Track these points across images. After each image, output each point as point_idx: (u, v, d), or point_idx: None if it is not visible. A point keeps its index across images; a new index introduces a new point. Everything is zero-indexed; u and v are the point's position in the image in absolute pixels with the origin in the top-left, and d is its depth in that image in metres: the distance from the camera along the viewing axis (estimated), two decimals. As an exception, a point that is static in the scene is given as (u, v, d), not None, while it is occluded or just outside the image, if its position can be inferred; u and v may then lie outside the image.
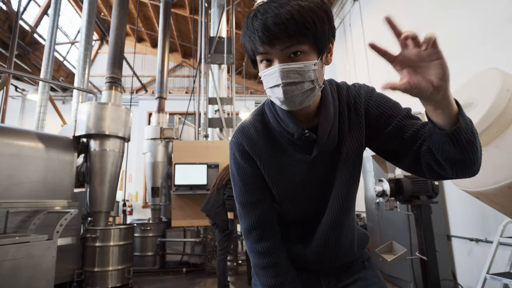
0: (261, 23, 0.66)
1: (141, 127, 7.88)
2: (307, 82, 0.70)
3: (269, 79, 0.71)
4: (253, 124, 0.86)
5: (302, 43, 0.67)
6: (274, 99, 0.73)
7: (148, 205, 6.31)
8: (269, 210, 0.87)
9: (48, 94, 6.71)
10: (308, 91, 0.71)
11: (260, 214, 0.85)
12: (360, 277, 0.90)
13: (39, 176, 3.49)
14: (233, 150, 0.87)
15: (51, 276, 2.68)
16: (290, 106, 0.72)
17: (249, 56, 0.76)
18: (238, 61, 9.48)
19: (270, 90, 0.72)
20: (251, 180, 0.85)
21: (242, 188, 0.86)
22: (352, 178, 0.84)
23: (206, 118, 5.34)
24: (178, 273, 4.64)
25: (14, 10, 6.53)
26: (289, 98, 0.70)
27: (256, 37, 0.68)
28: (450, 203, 3.24)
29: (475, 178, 1.75)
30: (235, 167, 0.87)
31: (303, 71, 0.68)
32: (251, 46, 0.71)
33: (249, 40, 0.71)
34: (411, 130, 0.76)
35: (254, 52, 0.72)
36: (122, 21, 4.59)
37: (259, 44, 0.68)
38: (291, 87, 0.69)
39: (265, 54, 0.70)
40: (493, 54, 2.64)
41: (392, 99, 0.85)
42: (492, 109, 1.60)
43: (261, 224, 0.85)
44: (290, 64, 0.68)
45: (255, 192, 0.85)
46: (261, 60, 0.72)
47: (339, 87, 0.87)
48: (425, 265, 2.17)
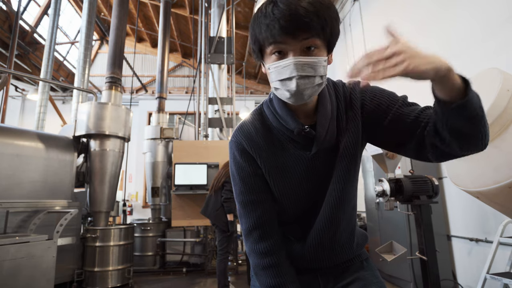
0: (285, 13, 0.66)
1: (141, 127, 7.89)
2: (318, 77, 0.70)
3: (281, 71, 0.70)
4: (252, 123, 0.87)
5: (319, 37, 0.68)
6: (283, 92, 0.72)
7: (148, 205, 6.31)
8: (270, 210, 0.86)
9: (48, 94, 6.70)
10: (317, 86, 0.72)
11: (261, 214, 0.85)
12: (359, 277, 0.90)
13: (39, 176, 3.49)
14: (233, 149, 0.87)
15: (51, 276, 2.68)
16: (298, 99, 0.72)
17: (257, 46, 0.74)
18: (238, 61, 9.48)
19: (280, 82, 0.71)
20: (251, 180, 0.85)
21: (242, 187, 0.86)
22: (349, 173, 0.84)
23: (206, 118, 5.33)
24: (178, 273, 4.64)
25: (14, 10, 6.53)
26: (300, 91, 0.70)
27: (276, 25, 0.67)
28: (450, 203, 3.24)
29: (475, 178, 1.75)
30: (235, 166, 0.87)
31: (316, 66, 0.69)
32: (267, 35, 0.69)
33: (266, 29, 0.69)
34: (412, 116, 0.76)
35: (266, 42, 0.71)
36: (122, 21, 4.59)
37: (279, 33, 0.67)
38: (304, 81, 0.69)
39: (279, 45, 0.69)
40: (493, 54, 2.64)
41: (387, 89, 0.85)
42: (492, 109, 1.60)
43: (262, 224, 0.85)
44: (306, 57, 0.68)
45: (256, 192, 0.85)
46: (273, 52, 0.71)
47: (335, 85, 0.88)
48: (425, 265, 2.17)
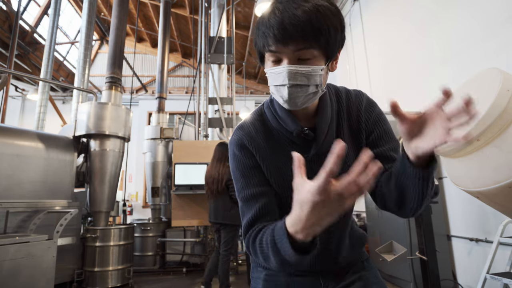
0: (278, 21, 0.66)
1: (141, 127, 7.88)
2: (312, 86, 0.71)
3: (276, 78, 0.71)
4: (252, 123, 0.87)
5: (314, 47, 0.68)
6: (278, 97, 0.74)
7: (148, 205, 6.31)
8: (272, 202, 0.84)
9: (48, 94, 6.71)
10: (311, 94, 0.72)
11: (263, 205, 0.81)
12: (360, 277, 0.90)
13: (39, 176, 3.49)
14: (232, 147, 0.86)
15: (51, 276, 2.68)
16: (291, 106, 0.74)
17: (258, 51, 0.76)
18: (238, 61, 9.48)
19: (275, 88, 0.73)
20: (250, 172, 0.83)
21: (243, 182, 0.84)
22: None
23: (206, 118, 5.33)
24: (178, 273, 4.64)
25: (14, 10, 6.53)
26: (292, 99, 0.71)
27: (270, 33, 0.68)
28: (450, 203, 3.24)
29: (475, 178, 1.75)
30: (234, 163, 0.85)
31: (310, 75, 0.69)
32: (264, 42, 0.71)
33: (263, 36, 0.70)
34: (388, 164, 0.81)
35: (263, 49, 0.72)
36: (122, 21, 4.59)
37: (273, 41, 0.68)
38: (296, 89, 0.70)
39: (275, 53, 0.70)
40: (493, 54, 2.64)
41: (389, 123, 0.88)
42: (492, 109, 1.60)
43: (263, 214, 0.80)
44: (299, 66, 0.69)
45: (256, 185, 0.83)
46: (269, 58, 0.72)
47: (338, 91, 0.89)
48: (425, 265, 2.17)
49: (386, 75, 4.33)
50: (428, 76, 3.46)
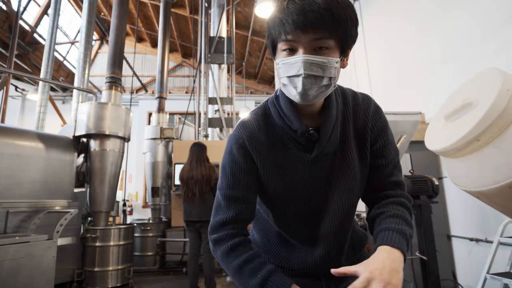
0: (298, 7, 0.65)
1: (141, 127, 7.89)
2: (326, 78, 0.70)
3: (290, 68, 0.70)
4: (255, 119, 0.85)
5: (331, 37, 0.67)
6: (290, 89, 0.72)
7: (148, 205, 6.31)
8: (251, 211, 0.85)
9: (48, 94, 6.71)
10: (324, 87, 0.71)
11: (242, 211, 0.82)
12: None
13: (39, 176, 3.49)
14: (231, 143, 0.85)
15: (51, 276, 2.68)
16: (303, 98, 0.72)
17: (271, 40, 0.75)
18: (238, 61, 9.47)
19: (288, 79, 0.71)
20: (242, 176, 0.83)
21: (231, 181, 0.83)
22: (356, 187, 0.84)
23: (206, 118, 5.34)
24: (178, 273, 4.63)
25: (14, 10, 6.53)
26: (306, 90, 0.69)
27: (289, 20, 0.66)
28: (450, 203, 3.23)
29: (475, 178, 1.75)
30: (228, 159, 0.84)
31: (326, 66, 0.68)
32: (280, 30, 0.69)
33: (280, 23, 0.68)
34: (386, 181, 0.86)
35: (278, 38, 0.70)
36: (122, 21, 4.59)
37: (291, 28, 0.66)
38: (310, 80, 0.68)
39: (291, 42, 0.69)
40: (493, 54, 2.64)
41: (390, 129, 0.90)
42: (492, 109, 1.59)
43: (239, 220, 0.82)
44: (315, 56, 0.68)
45: (244, 189, 0.83)
46: (284, 48, 0.71)
47: (344, 92, 0.88)
48: (425, 265, 2.17)
49: (386, 75, 4.33)
50: (428, 76, 3.46)
